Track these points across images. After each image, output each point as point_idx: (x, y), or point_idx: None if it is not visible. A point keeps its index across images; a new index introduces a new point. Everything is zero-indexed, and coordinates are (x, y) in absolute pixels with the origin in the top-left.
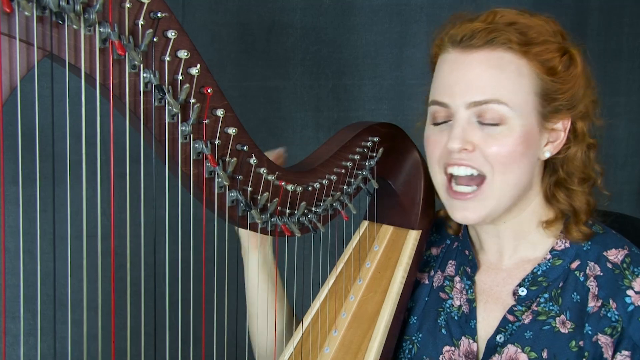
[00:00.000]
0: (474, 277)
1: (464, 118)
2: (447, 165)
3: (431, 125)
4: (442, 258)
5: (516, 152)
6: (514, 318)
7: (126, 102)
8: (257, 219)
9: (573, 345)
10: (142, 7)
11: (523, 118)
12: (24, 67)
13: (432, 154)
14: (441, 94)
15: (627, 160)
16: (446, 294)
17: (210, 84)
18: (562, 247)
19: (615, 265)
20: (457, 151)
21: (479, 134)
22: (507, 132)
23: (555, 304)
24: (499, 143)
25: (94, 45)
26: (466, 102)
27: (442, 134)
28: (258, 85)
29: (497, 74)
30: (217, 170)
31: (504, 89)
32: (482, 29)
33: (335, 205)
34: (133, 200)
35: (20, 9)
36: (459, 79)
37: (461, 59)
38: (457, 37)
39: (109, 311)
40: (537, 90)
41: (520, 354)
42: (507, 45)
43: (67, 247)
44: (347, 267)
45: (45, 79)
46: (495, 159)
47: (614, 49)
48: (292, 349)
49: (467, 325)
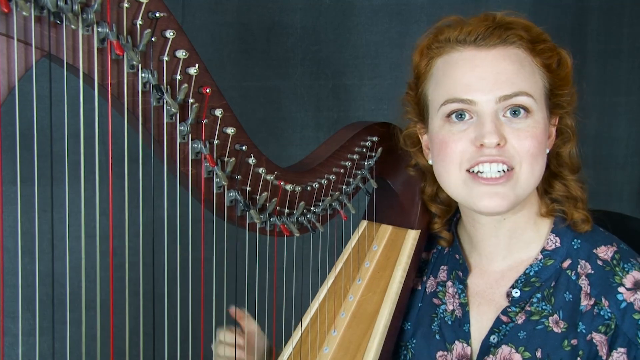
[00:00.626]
0: (466, 281)
1: (493, 112)
2: (477, 163)
3: (447, 125)
4: (433, 264)
5: (542, 144)
6: (507, 319)
7: (124, 102)
8: (256, 219)
9: (566, 345)
10: (140, 7)
11: (542, 111)
12: (22, 67)
13: (453, 152)
14: (463, 91)
15: (627, 160)
16: (439, 300)
17: (208, 83)
18: (552, 247)
19: (606, 262)
20: (493, 146)
21: (506, 128)
22: (533, 124)
23: (548, 303)
24: (529, 135)
25: (92, 45)
26: (496, 96)
27: (465, 132)
28: (258, 85)
29: (519, 68)
30: (215, 170)
31: (527, 83)
32: (495, 27)
33: (334, 205)
34: (132, 200)
35: (18, 9)
36: (485, 75)
37: (480, 55)
38: (468, 37)
39: (108, 311)
40: (545, 85)
41: (514, 354)
42: (518, 42)
43: (66, 247)
44: (346, 266)
45: (44, 79)
46: (526, 152)
47: (614, 49)
48: (292, 348)
49: (461, 330)
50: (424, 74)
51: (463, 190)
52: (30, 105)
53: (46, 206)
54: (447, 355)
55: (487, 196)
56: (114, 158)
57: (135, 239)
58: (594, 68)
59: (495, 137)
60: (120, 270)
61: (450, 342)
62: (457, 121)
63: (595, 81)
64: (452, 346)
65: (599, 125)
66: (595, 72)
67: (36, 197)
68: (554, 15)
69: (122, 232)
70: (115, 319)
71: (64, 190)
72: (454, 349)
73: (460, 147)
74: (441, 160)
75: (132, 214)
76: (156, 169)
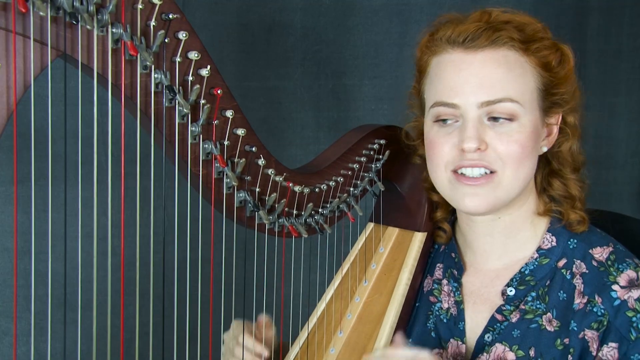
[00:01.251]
0: (461, 280)
1: (476, 117)
2: (459, 167)
3: (435, 127)
4: (430, 262)
5: (528, 148)
6: (502, 317)
7: (137, 102)
8: (265, 220)
9: (558, 344)
10: (154, 9)
11: (530, 114)
12: (37, 67)
13: (438, 155)
14: (448, 94)
15: (627, 160)
16: (435, 297)
17: (220, 85)
18: (548, 246)
19: (600, 263)
20: (472, 151)
21: (490, 132)
22: (518, 129)
23: (542, 302)
24: (512, 140)
25: (107, 46)
26: (478, 102)
27: (450, 135)
28: (258, 85)
29: (505, 72)
30: (226, 170)
31: (513, 87)
32: (484, 28)
33: (342, 207)
34: (143, 200)
35: (35, 9)
36: (469, 79)
37: (467, 59)
38: (457, 38)
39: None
40: (538, 86)
41: (508, 353)
42: (509, 44)
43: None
44: (353, 268)
45: (58, 79)
46: (508, 156)
47: (614, 49)
48: (298, 349)
49: (456, 328)
50: (423, 70)
51: (448, 189)
52: (44, 105)
53: (46, 206)
54: (443, 353)
55: (468, 196)
56: (125, 158)
57: (145, 239)
58: (594, 68)
59: (474, 142)
60: (131, 270)
61: (445, 339)
62: (443, 124)
63: (595, 81)
64: (447, 344)
65: (599, 125)
66: (595, 72)
67: (50, 197)
68: (554, 15)
69: (133, 232)
70: (118, 320)
71: (77, 189)
72: (449, 346)
73: (445, 149)
74: (430, 159)
75: (142, 214)
76: (167, 169)
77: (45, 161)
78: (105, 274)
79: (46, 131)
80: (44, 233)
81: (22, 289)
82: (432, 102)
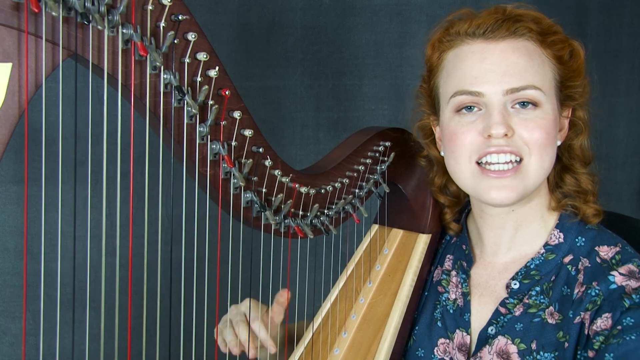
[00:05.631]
0: (469, 271)
1: (501, 104)
2: (485, 153)
3: (456, 117)
4: (441, 253)
5: (551, 135)
6: (505, 310)
7: (146, 102)
8: (271, 220)
9: (560, 336)
10: (163, 10)
11: (551, 103)
12: (49, 66)
13: (462, 146)
14: (472, 83)
15: (627, 160)
16: (443, 288)
17: (228, 86)
18: (555, 242)
19: (604, 260)
20: (500, 136)
21: (514, 119)
22: (542, 115)
23: (546, 297)
24: (537, 125)
25: (117, 46)
26: (504, 89)
27: (473, 124)
28: (258, 85)
29: (527, 61)
30: (233, 171)
31: (536, 75)
32: (503, 19)
33: (347, 208)
34: (151, 199)
35: (47, 9)
36: (493, 67)
37: (489, 48)
38: (477, 30)
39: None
40: (556, 77)
41: (510, 345)
42: (528, 35)
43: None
44: (358, 269)
45: (69, 79)
46: (535, 142)
47: (614, 49)
48: (303, 349)
49: (462, 318)
50: (435, 67)
51: (472, 182)
52: (54, 105)
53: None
54: (449, 343)
55: (495, 189)
56: (134, 158)
57: (152, 238)
58: (594, 68)
59: (502, 127)
60: (139, 270)
61: (451, 330)
62: (466, 113)
63: (595, 81)
64: (453, 334)
65: (599, 125)
66: (595, 72)
67: (60, 198)
68: (553, 15)
69: (141, 232)
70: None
71: (86, 189)
72: (454, 337)
73: (469, 138)
74: (451, 151)
75: (150, 214)
76: (166, 169)
77: (52, 161)
78: (112, 274)
79: (51, 131)
80: (54, 233)
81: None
82: (452, 92)
